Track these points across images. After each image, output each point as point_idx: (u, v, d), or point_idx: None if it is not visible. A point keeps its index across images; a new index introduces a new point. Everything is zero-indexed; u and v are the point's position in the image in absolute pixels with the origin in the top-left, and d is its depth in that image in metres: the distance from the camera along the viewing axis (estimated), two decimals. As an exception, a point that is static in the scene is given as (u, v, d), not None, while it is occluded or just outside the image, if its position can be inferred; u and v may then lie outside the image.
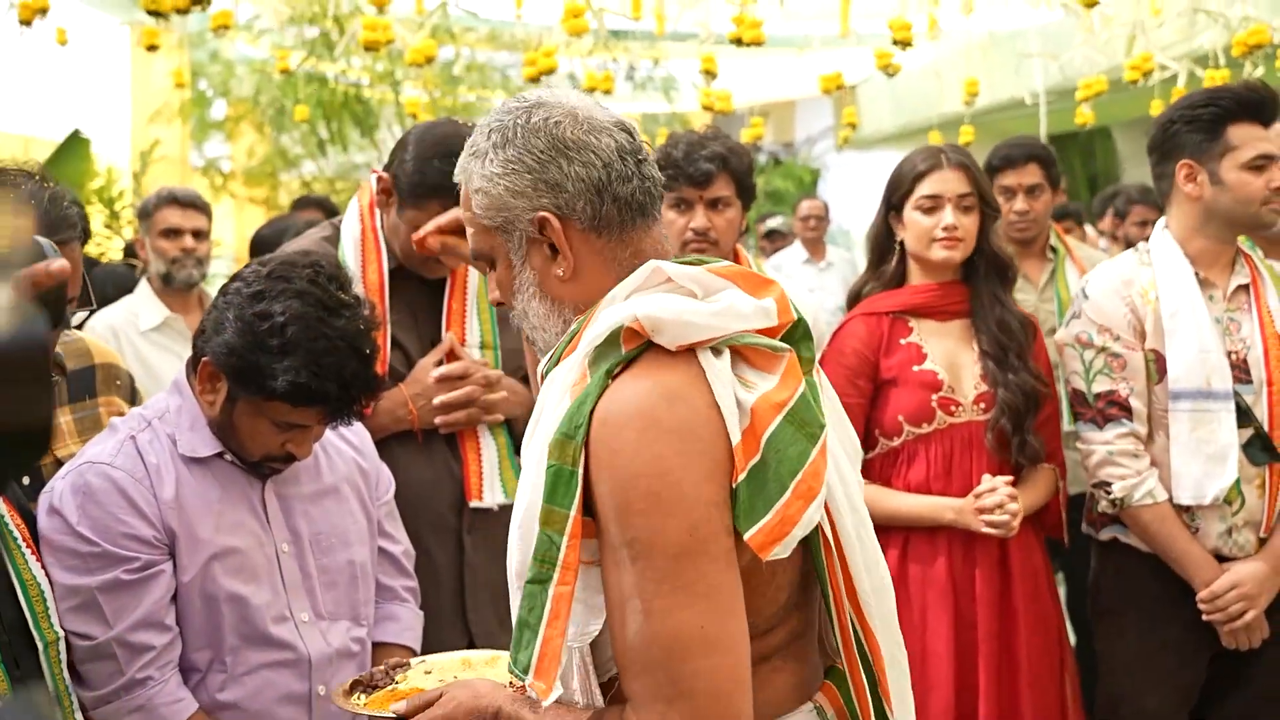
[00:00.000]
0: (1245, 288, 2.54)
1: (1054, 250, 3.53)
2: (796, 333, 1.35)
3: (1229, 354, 2.47)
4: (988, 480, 2.38)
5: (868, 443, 2.53)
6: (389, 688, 1.76)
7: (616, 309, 1.31)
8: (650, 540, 1.23)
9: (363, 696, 1.73)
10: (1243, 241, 3.01)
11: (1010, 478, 2.41)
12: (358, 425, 2.18)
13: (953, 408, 2.46)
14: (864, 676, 1.38)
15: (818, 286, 6.76)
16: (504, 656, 1.70)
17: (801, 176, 13.71)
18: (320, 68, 8.05)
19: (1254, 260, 2.59)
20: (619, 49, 7.06)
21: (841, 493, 1.36)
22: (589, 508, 1.26)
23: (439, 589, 2.34)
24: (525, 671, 1.30)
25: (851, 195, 13.03)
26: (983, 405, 2.46)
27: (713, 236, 2.55)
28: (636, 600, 1.23)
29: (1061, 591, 3.40)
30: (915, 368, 2.48)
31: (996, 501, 2.34)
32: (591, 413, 1.26)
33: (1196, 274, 2.51)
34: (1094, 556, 2.70)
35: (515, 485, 2.40)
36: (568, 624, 1.27)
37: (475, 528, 2.41)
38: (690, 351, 1.28)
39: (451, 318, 2.42)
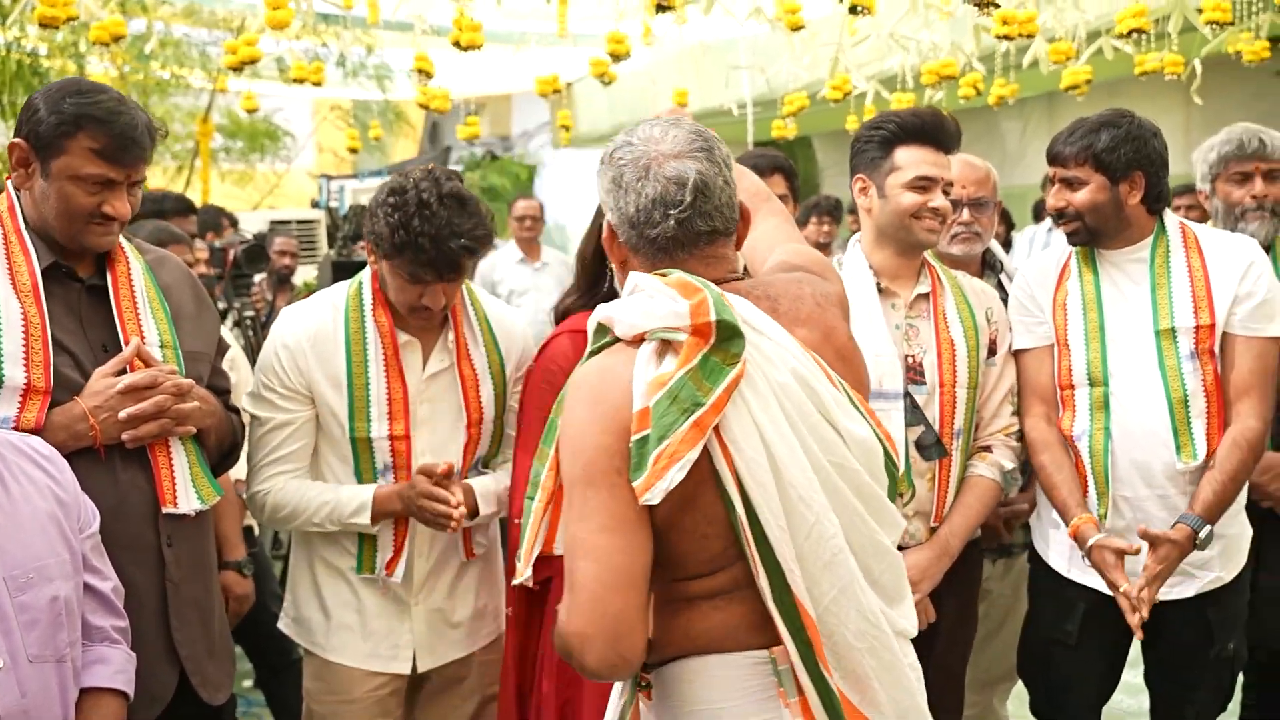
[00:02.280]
0: (926, 296, 2.71)
1: None
2: (725, 331, 1.60)
3: (906, 358, 2.64)
4: None
5: None
6: None
7: (599, 309, 1.70)
8: (568, 472, 1.62)
9: None
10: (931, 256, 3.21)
11: None
12: (54, 454, 1.98)
13: None
14: (792, 642, 1.62)
15: (533, 287, 6.74)
16: None
17: (518, 173, 13.68)
18: (-11, 33, 7.28)
19: (937, 270, 2.76)
20: (329, 34, 6.78)
21: (767, 474, 1.59)
22: None
23: (140, 611, 2.15)
24: (520, 559, 1.73)
25: (568, 191, 13.13)
26: None
27: (445, 305, 2.48)
28: (565, 515, 1.63)
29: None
30: None
31: None
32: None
33: (879, 284, 2.67)
34: None
35: (210, 491, 2.27)
36: (539, 531, 1.70)
37: (175, 540, 2.24)
38: (639, 341, 1.63)
39: (124, 318, 2.23)
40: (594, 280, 2.54)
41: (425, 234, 2.33)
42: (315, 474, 2.54)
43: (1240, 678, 3.31)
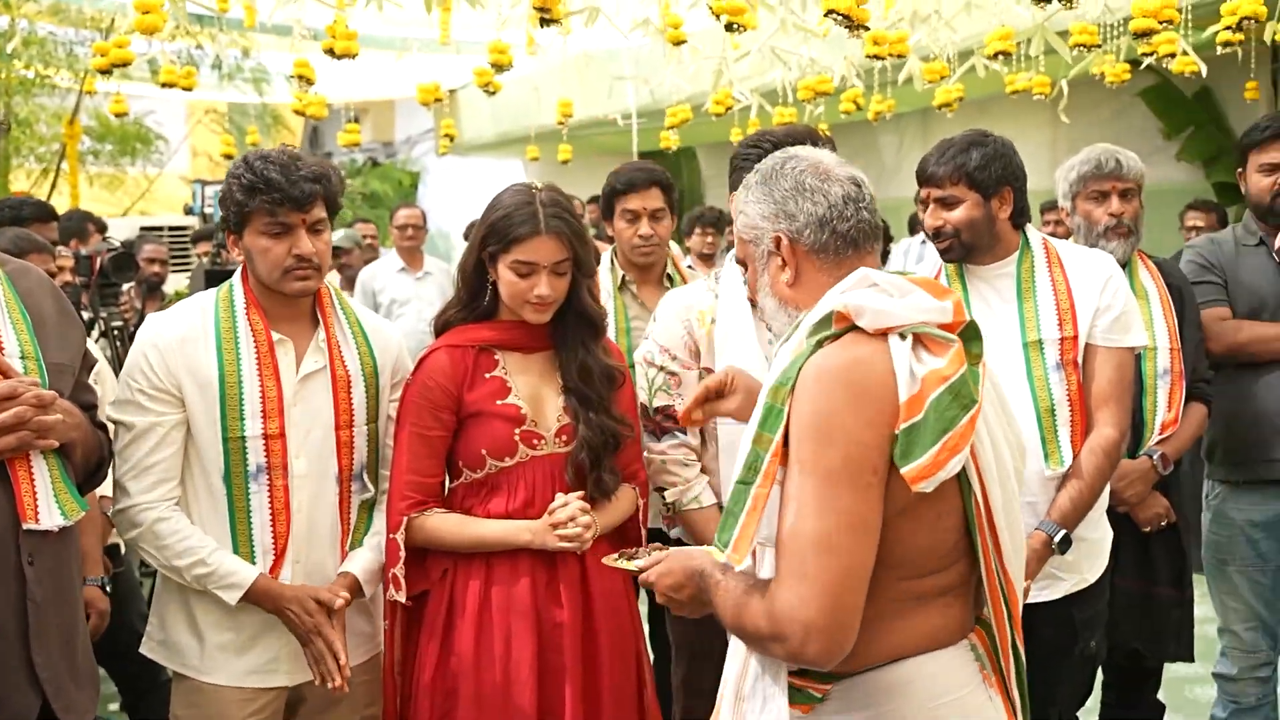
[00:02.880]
0: None
1: (670, 279, 3.63)
2: (969, 332, 1.73)
3: None
4: (560, 498, 2.43)
5: (453, 474, 2.51)
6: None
7: (832, 298, 1.73)
8: (813, 462, 1.62)
9: (620, 559, 2.02)
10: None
11: (582, 492, 2.46)
12: None
13: (535, 441, 2.48)
14: (1006, 622, 1.78)
15: (415, 296, 6.64)
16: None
17: (401, 179, 13.52)
18: None
19: None
20: (204, 35, 6.61)
21: (995, 469, 1.74)
22: (788, 437, 1.67)
23: None
24: (725, 546, 1.71)
25: (452, 199, 13.01)
26: (564, 438, 2.50)
27: (316, 262, 2.43)
28: (794, 502, 1.63)
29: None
30: (499, 401, 2.47)
31: (570, 515, 2.39)
32: (799, 369, 1.67)
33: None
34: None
35: (74, 506, 2.17)
36: (760, 517, 1.67)
37: (37, 558, 2.14)
38: (883, 334, 1.67)
39: None
40: (474, 293, 2.53)
41: (272, 169, 2.37)
42: (182, 481, 2.46)
43: (1100, 678, 3.45)
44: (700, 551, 1.87)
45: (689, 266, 4.94)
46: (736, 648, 1.84)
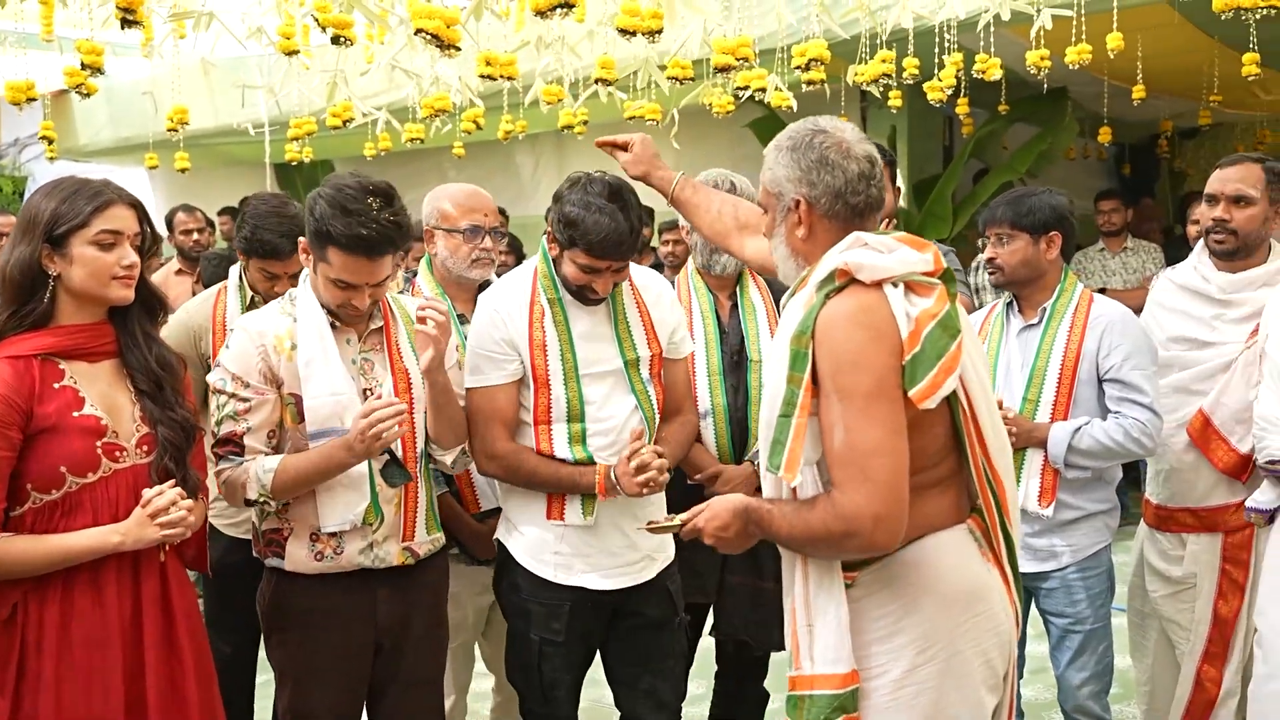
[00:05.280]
0: (380, 330, 2.78)
1: None
2: (946, 275, 2.08)
3: (364, 391, 2.71)
4: (150, 490, 2.31)
5: (18, 498, 2.28)
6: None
7: (833, 258, 2.08)
8: (852, 388, 1.98)
9: (661, 522, 2.32)
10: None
11: (174, 480, 2.35)
12: None
13: (117, 453, 2.34)
14: (995, 508, 2.16)
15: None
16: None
17: (3, 185, 12.34)
18: None
19: (390, 304, 2.83)
20: None
21: (978, 383, 2.14)
22: (814, 375, 2.02)
23: None
24: (778, 469, 2.03)
25: (67, 209, 11.98)
26: (145, 448, 2.39)
27: None
28: (841, 423, 1.99)
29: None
30: (75, 414, 2.31)
31: (170, 499, 2.29)
32: (815, 318, 2.03)
33: (334, 323, 2.72)
34: (263, 581, 2.82)
35: None
36: (804, 442, 2.01)
37: None
38: (878, 284, 2.03)
39: None
40: (29, 296, 2.34)
41: None
42: None
43: (715, 669, 3.69)
44: (737, 495, 2.22)
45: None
46: (791, 580, 2.16)
